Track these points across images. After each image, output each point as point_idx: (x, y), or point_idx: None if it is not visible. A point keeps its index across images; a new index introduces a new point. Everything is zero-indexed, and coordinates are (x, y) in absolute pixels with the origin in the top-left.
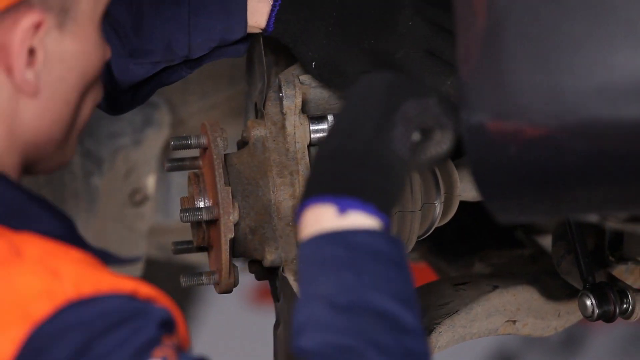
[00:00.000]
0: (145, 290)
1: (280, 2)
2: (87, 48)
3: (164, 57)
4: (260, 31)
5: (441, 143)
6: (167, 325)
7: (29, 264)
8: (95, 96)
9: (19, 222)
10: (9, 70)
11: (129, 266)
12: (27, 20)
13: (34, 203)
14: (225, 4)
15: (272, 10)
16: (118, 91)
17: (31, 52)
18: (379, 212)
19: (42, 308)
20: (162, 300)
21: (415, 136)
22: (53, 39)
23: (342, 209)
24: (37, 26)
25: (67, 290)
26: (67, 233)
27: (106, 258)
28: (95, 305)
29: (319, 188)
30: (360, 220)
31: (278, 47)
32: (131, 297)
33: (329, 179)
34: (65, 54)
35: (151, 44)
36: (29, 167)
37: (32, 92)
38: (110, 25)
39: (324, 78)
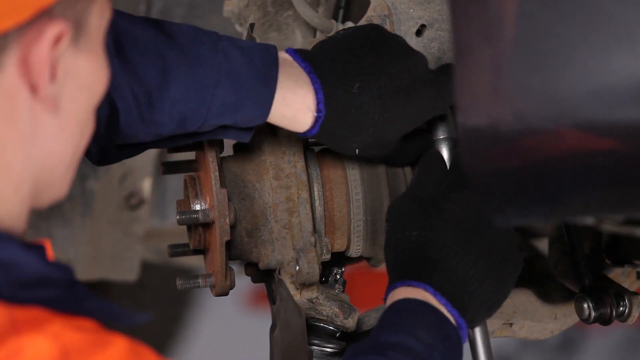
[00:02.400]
0: None
1: (324, 113)
2: (97, 67)
3: (173, 131)
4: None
5: None
6: None
7: None
8: (92, 126)
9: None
10: (33, 88)
11: (124, 268)
12: (52, 31)
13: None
14: (258, 96)
15: (316, 121)
16: (111, 145)
17: (52, 67)
18: None
19: None
20: None
21: None
22: (69, 54)
23: None
24: (59, 39)
25: None
26: (71, 294)
27: (117, 317)
28: None
29: None
30: None
31: None
32: None
33: None
34: (80, 71)
35: (165, 116)
36: (35, 197)
37: (53, 108)
38: (132, 82)
39: (368, 155)
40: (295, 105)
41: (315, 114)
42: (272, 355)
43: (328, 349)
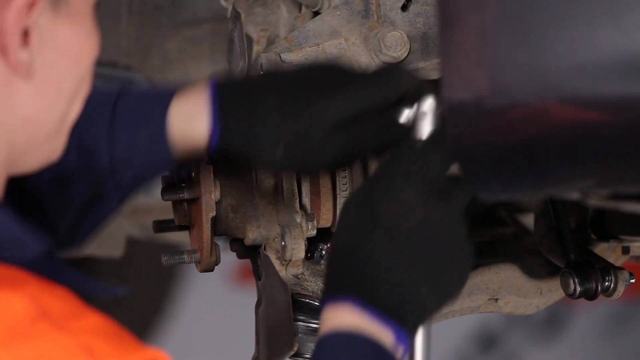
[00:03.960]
0: None
1: (218, 116)
2: (80, 35)
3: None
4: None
5: None
6: None
7: (64, 337)
8: (85, 92)
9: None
10: (2, 51)
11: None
12: None
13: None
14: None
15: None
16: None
17: (25, 33)
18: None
19: None
20: None
21: None
22: (47, 20)
23: None
24: (31, 5)
25: None
26: (47, 259)
27: (93, 288)
28: None
29: None
30: None
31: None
32: None
33: None
34: (59, 38)
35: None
36: (14, 162)
37: (26, 73)
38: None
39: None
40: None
41: (209, 124)
42: (257, 330)
43: (313, 325)
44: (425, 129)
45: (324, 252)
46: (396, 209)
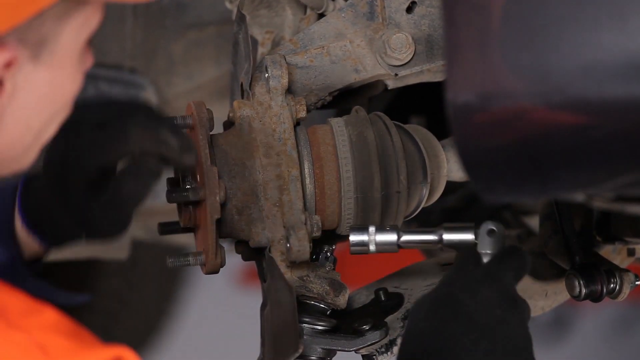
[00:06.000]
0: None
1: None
2: (60, 77)
3: None
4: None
5: None
6: None
7: (18, 335)
8: (64, 116)
9: None
10: None
11: (114, 245)
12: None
13: None
14: None
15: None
16: None
17: (0, 82)
18: None
19: None
20: None
21: None
22: (25, 70)
23: None
24: (8, 65)
25: None
26: (11, 267)
27: (54, 295)
28: None
29: None
30: None
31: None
32: None
33: None
34: (35, 84)
35: None
36: None
37: None
38: None
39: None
40: None
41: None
42: (263, 332)
43: (319, 327)
44: (492, 243)
45: (329, 254)
46: (477, 305)
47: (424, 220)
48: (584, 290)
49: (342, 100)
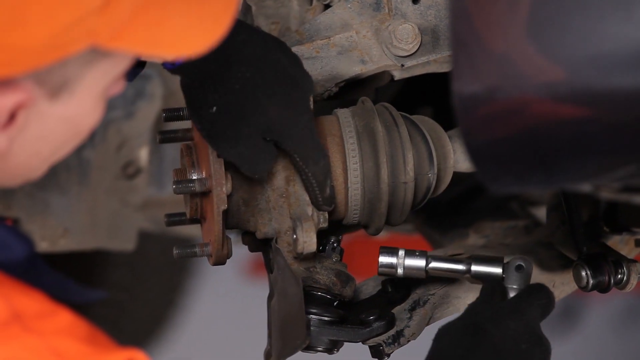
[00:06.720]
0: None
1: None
2: (76, 114)
3: None
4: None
5: None
6: None
7: (33, 339)
8: (80, 140)
9: None
10: None
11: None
12: (8, 99)
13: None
14: None
15: None
16: None
17: (12, 115)
18: None
19: None
20: None
21: None
22: (41, 106)
23: None
24: (22, 105)
25: None
26: (29, 265)
27: (70, 291)
28: None
29: None
30: None
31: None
32: None
33: None
34: (50, 117)
35: None
36: None
37: (1, 155)
38: None
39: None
40: None
41: None
42: (269, 323)
43: (326, 318)
44: (519, 279)
45: (335, 245)
46: (503, 337)
47: (431, 211)
48: (591, 281)
49: (349, 91)
